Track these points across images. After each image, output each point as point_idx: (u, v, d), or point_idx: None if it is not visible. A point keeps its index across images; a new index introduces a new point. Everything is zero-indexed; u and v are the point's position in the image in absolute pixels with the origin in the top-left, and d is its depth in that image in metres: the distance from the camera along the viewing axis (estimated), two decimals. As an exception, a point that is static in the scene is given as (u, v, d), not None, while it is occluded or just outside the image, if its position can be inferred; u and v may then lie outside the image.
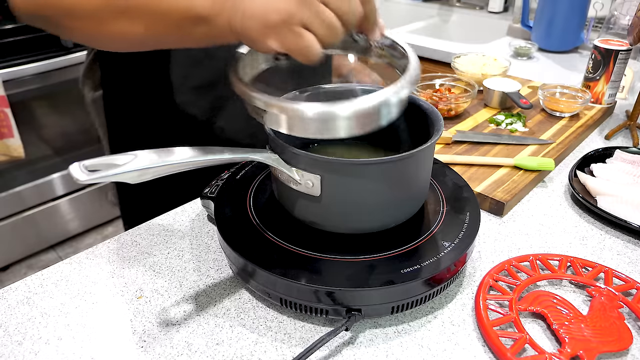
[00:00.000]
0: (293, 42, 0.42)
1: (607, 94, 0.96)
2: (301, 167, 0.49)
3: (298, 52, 0.42)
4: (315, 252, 0.49)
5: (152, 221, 0.64)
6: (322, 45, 0.42)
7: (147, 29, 0.49)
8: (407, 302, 0.47)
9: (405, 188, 0.51)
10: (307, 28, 0.42)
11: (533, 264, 0.55)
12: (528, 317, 0.50)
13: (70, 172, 0.40)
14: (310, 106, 0.44)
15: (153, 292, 0.53)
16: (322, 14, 0.41)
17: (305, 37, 0.42)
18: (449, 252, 0.49)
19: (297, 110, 0.44)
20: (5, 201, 1.78)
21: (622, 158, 0.77)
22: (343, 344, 0.47)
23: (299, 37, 0.41)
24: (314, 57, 0.43)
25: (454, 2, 1.98)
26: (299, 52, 0.42)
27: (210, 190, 0.61)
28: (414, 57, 0.51)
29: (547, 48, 1.44)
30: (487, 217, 0.67)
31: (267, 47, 0.44)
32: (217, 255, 0.58)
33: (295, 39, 0.42)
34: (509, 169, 0.73)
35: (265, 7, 0.42)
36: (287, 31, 0.41)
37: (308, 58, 0.43)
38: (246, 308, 0.51)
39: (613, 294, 0.51)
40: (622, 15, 1.15)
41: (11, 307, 0.51)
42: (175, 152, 0.44)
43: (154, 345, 0.47)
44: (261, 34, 0.43)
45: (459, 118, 0.90)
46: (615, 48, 0.92)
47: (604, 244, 0.62)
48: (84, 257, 0.58)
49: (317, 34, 0.42)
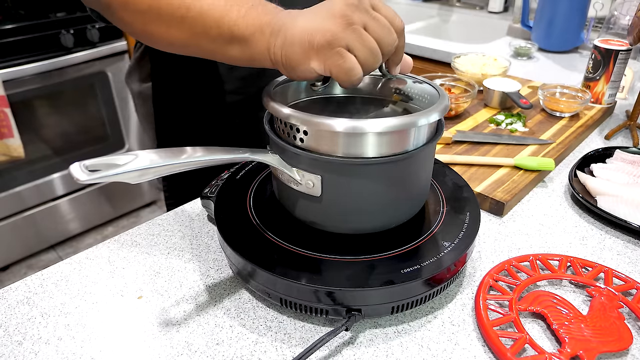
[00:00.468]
0: (337, 64, 0.43)
1: (607, 94, 0.96)
2: (302, 167, 0.49)
3: (342, 74, 0.43)
4: (315, 252, 0.49)
5: (152, 221, 0.64)
6: (363, 70, 0.44)
7: (189, 38, 0.52)
8: (407, 302, 0.47)
9: (406, 188, 0.51)
10: (350, 51, 0.43)
11: (533, 264, 0.55)
12: (528, 317, 0.50)
13: (70, 172, 0.40)
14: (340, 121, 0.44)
15: (153, 292, 0.53)
16: (366, 38, 0.43)
17: (349, 59, 0.43)
18: (449, 252, 0.49)
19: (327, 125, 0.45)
20: (5, 201, 1.78)
21: (622, 158, 0.77)
22: (343, 344, 0.47)
23: (343, 58, 0.42)
24: (356, 79, 0.44)
25: (454, 2, 1.98)
26: (342, 73, 0.43)
27: (210, 190, 0.61)
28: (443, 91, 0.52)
29: (547, 48, 1.44)
30: (487, 217, 0.67)
31: (310, 69, 0.45)
32: (217, 255, 0.58)
33: (339, 60, 0.43)
34: (509, 169, 0.73)
35: (311, 29, 0.43)
36: (332, 52, 0.42)
37: (350, 80, 0.44)
38: (246, 308, 0.51)
39: (613, 294, 0.51)
40: (622, 15, 1.15)
41: (11, 307, 0.51)
42: (176, 153, 0.44)
43: (154, 345, 0.47)
44: (305, 56, 0.44)
45: (459, 118, 0.90)
46: (615, 48, 0.92)
47: (604, 244, 0.62)
48: (84, 257, 0.58)
49: (359, 57, 0.43)
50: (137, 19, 0.55)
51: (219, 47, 0.51)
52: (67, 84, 1.80)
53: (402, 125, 0.45)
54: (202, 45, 0.52)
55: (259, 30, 0.46)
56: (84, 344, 0.47)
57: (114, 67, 1.89)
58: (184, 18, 0.50)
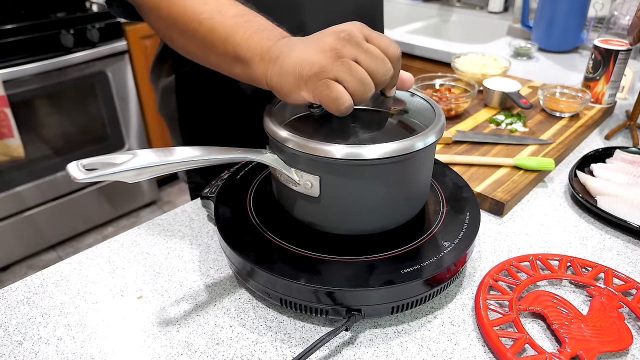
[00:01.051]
0: (323, 94, 0.45)
1: (607, 94, 0.96)
2: (300, 167, 0.49)
3: (329, 103, 0.45)
4: (315, 252, 0.49)
5: (152, 221, 0.64)
6: (354, 99, 0.45)
7: (200, 51, 0.56)
8: (407, 302, 0.47)
9: (405, 189, 0.51)
10: (339, 82, 0.45)
11: (533, 264, 0.55)
12: (528, 317, 0.50)
13: (68, 170, 0.40)
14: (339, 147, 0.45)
15: (153, 292, 0.53)
16: (355, 70, 0.44)
17: (335, 89, 0.44)
18: (449, 252, 0.49)
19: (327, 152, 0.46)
20: (5, 201, 1.79)
21: (622, 158, 0.77)
22: (343, 344, 0.47)
23: (329, 88, 0.44)
24: (344, 108, 0.45)
25: (454, 2, 1.98)
26: (330, 102, 0.45)
27: (210, 190, 0.61)
28: (438, 108, 0.53)
29: (547, 48, 1.44)
30: (487, 217, 0.67)
31: (301, 97, 0.47)
32: (217, 255, 0.58)
33: (325, 90, 0.45)
34: (509, 169, 0.73)
35: (302, 62, 0.45)
36: (319, 83, 0.45)
37: (339, 109, 0.45)
38: (246, 308, 0.51)
39: (613, 294, 0.51)
40: (622, 15, 1.16)
41: (11, 307, 0.51)
42: (174, 152, 0.44)
43: (154, 345, 0.47)
44: (296, 86, 0.46)
45: (459, 118, 0.90)
46: (615, 48, 0.92)
47: (604, 244, 0.62)
48: (84, 257, 0.58)
49: (348, 88, 0.45)
50: (159, 23, 0.58)
51: (225, 64, 0.54)
52: (67, 84, 1.79)
53: (399, 151, 0.46)
54: (211, 60, 0.56)
55: (259, 56, 0.49)
56: (84, 344, 0.47)
57: (114, 67, 1.89)
58: (196, 31, 0.53)
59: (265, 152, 0.50)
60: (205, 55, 0.56)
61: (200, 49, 0.55)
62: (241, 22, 0.51)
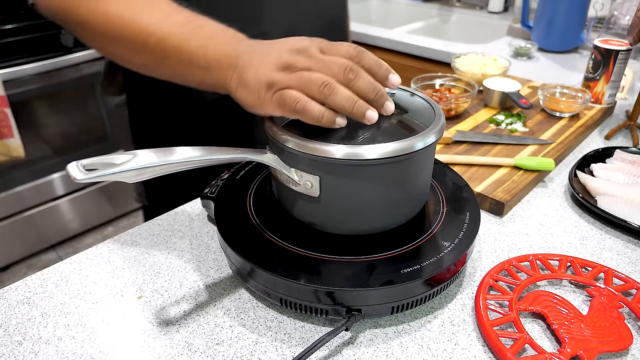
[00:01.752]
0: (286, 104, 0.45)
1: (607, 94, 0.96)
2: (300, 167, 0.49)
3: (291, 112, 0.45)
4: (315, 252, 0.49)
5: (152, 221, 0.64)
6: (323, 100, 0.45)
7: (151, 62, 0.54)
8: (407, 302, 0.47)
9: (405, 189, 0.51)
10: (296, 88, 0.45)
11: (533, 264, 0.55)
12: (528, 317, 0.50)
13: (67, 171, 0.40)
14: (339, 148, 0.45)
15: (153, 292, 0.53)
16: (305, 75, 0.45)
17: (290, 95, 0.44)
18: (449, 252, 0.49)
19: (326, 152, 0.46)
20: (5, 201, 1.78)
21: (622, 158, 0.77)
22: (343, 344, 0.47)
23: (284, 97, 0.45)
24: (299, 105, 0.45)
25: (454, 2, 1.98)
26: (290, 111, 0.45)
27: (210, 190, 0.61)
28: (438, 108, 0.53)
29: (547, 48, 1.44)
30: (487, 217, 0.67)
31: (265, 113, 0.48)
32: (217, 255, 0.58)
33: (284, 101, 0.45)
34: (509, 169, 0.73)
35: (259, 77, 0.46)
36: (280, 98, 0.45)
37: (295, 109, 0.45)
38: (246, 308, 0.51)
39: (613, 294, 0.51)
40: (622, 15, 1.16)
41: (11, 307, 0.51)
42: (174, 152, 0.44)
43: (154, 345, 0.47)
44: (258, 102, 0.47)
45: (459, 118, 0.90)
46: (615, 48, 0.92)
47: (604, 244, 0.62)
48: (84, 257, 0.58)
49: (303, 90, 0.45)
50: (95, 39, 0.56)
51: (180, 73, 0.53)
52: (67, 84, 1.79)
53: (399, 151, 0.46)
54: (164, 70, 0.54)
55: (217, 62, 0.48)
56: (84, 344, 0.47)
57: (114, 67, 1.89)
58: (145, 43, 0.52)
59: (266, 152, 0.50)
60: (158, 67, 0.54)
61: (151, 60, 0.53)
62: (192, 29, 0.50)
